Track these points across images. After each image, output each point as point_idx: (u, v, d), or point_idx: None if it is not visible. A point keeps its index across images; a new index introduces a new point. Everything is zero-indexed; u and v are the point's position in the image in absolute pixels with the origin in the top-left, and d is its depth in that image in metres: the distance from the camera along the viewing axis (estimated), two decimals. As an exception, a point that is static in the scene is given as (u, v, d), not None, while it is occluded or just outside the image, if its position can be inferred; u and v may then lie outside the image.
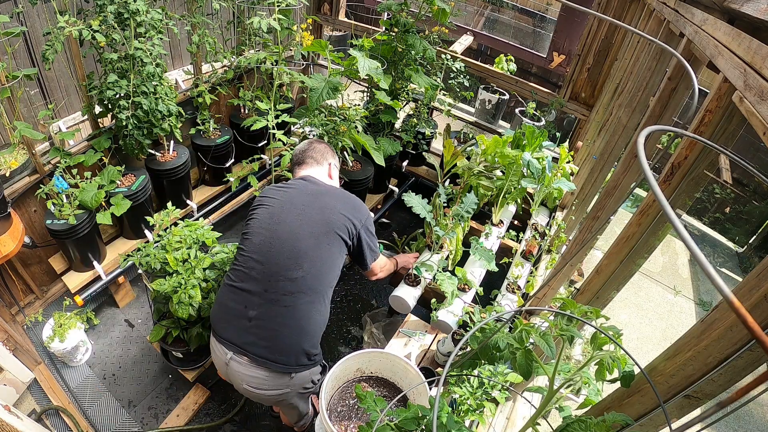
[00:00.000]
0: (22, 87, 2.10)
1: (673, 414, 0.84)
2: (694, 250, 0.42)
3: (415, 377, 1.77)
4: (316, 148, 1.89)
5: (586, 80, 3.23)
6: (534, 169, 2.76)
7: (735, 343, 0.69)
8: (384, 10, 2.85)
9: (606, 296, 1.56)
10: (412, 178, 3.80)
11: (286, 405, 1.84)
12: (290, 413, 1.97)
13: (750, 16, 0.93)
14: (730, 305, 0.41)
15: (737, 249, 5.32)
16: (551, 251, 2.84)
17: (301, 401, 1.89)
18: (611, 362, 0.89)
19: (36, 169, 2.31)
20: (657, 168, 3.42)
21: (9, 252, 2.03)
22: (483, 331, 1.21)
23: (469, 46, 4.09)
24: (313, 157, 1.87)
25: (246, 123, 2.44)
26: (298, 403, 1.87)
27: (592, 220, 2.02)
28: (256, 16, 2.35)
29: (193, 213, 3.05)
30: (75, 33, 2.01)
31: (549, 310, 1.07)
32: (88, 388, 2.34)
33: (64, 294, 2.62)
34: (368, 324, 2.68)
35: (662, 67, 1.89)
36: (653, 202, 1.26)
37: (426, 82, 2.82)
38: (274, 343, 1.56)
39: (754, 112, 0.76)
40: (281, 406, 1.98)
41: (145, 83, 2.32)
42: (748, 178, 5.56)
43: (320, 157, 1.88)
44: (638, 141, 0.60)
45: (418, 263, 2.41)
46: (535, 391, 1.17)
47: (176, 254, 2.02)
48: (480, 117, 4.09)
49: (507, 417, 2.00)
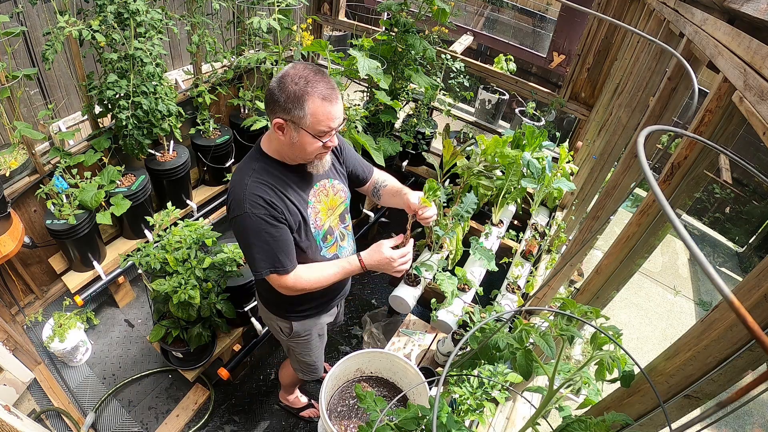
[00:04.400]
0: (22, 87, 2.10)
1: (673, 414, 0.84)
2: (694, 250, 0.42)
3: (415, 377, 1.77)
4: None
5: (586, 80, 3.23)
6: (534, 169, 2.76)
7: (735, 343, 0.68)
8: (384, 10, 2.85)
9: (606, 296, 1.56)
10: (412, 178, 3.79)
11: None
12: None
13: (750, 16, 0.93)
14: (730, 305, 0.41)
15: (737, 249, 5.32)
16: (551, 251, 2.84)
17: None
18: (611, 362, 0.88)
19: (36, 169, 2.31)
20: (657, 168, 3.42)
21: (9, 252, 2.03)
22: (483, 331, 1.21)
23: (469, 46, 4.09)
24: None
25: (246, 123, 2.44)
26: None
27: (592, 220, 2.02)
28: (256, 16, 2.35)
29: (193, 213, 3.05)
30: (75, 33, 2.01)
31: (549, 310, 1.07)
32: (88, 388, 2.34)
33: (64, 294, 2.62)
34: (368, 324, 2.68)
35: (662, 67, 1.89)
36: (653, 202, 1.26)
37: (426, 82, 2.82)
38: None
39: (754, 112, 0.76)
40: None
41: (145, 83, 2.32)
42: (748, 178, 5.57)
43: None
44: (638, 141, 0.60)
45: (417, 263, 2.40)
46: (535, 391, 1.17)
47: (176, 254, 2.02)
48: (480, 117, 4.09)
49: (507, 417, 2.00)
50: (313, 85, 1.18)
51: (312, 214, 1.42)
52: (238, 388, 2.46)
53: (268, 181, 1.31)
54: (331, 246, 1.54)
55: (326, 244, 1.52)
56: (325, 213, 1.48)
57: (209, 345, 2.30)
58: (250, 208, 1.27)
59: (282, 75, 1.21)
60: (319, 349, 1.88)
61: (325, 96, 1.20)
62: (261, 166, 1.33)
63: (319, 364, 1.93)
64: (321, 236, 1.48)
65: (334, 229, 1.54)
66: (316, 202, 1.44)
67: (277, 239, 1.32)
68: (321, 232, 1.48)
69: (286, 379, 2.21)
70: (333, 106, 1.22)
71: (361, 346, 2.63)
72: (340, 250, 1.58)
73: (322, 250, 1.51)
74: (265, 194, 1.29)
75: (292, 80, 1.19)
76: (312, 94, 1.18)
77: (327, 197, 1.48)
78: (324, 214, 1.47)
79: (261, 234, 1.30)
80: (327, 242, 1.52)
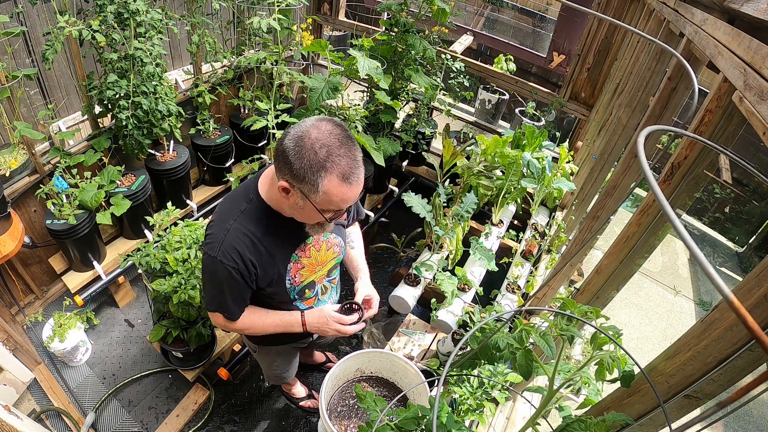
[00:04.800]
0: (22, 87, 2.10)
1: (673, 414, 0.84)
2: (694, 250, 0.42)
3: (415, 377, 1.77)
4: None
5: (586, 80, 3.23)
6: (534, 169, 2.76)
7: (735, 343, 0.68)
8: (384, 10, 2.85)
9: (606, 296, 1.56)
10: (412, 178, 3.80)
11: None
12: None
13: (750, 15, 0.93)
14: (730, 305, 0.41)
15: (737, 249, 5.32)
16: (551, 251, 2.84)
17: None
18: (611, 362, 0.88)
19: (36, 169, 2.30)
20: (657, 168, 3.42)
21: (9, 252, 2.03)
22: (483, 331, 1.21)
23: (469, 46, 4.09)
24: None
25: (246, 123, 2.43)
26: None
27: (592, 220, 2.02)
28: (256, 16, 2.35)
29: (193, 213, 3.05)
30: (75, 33, 2.01)
31: (549, 310, 1.07)
32: (88, 388, 2.34)
33: (64, 294, 2.62)
34: (368, 324, 2.68)
35: (662, 67, 1.89)
36: (653, 201, 1.26)
37: (426, 82, 2.82)
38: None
39: (754, 112, 0.76)
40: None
41: (145, 83, 2.32)
42: (748, 178, 5.57)
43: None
44: (638, 141, 0.60)
45: (417, 263, 2.40)
46: (535, 391, 1.17)
47: (176, 254, 2.02)
48: (480, 117, 4.09)
49: (507, 417, 2.00)
50: (334, 160, 1.01)
51: (292, 270, 1.30)
52: (238, 388, 2.46)
53: (251, 232, 1.18)
54: (309, 299, 1.44)
55: (303, 298, 1.41)
56: (309, 269, 1.35)
57: (209, 345, 2.30)
58: (222, 257, 1.16)
59: (301, 135, 1.02)
60: (286, 363, 1.90)
61: (346, 176, 1.03)
62: (250, 210, 1.19)
63: (287, 373, 1.96)
64: (297, 291, 1.37)
65: (315, 284, 1.42)
66: (303, 256, 1.31)
67: (233, 290, 1.24)
68: (298, 287, 1.36)
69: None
70: (351, 188, 1.05)
71: (361, 346, 2.63)
72: (318, 303, 1.47)
73: (297, 301, 1.40)
74: (243, 249, 1.16)
75: (312, 147, 1.01)
76: (331, 172, 1.01)
77: (318, 252, 1.35)
78: (308, 270, 1.35)
79: (221, 282, 1.21)
80: (304, 296, 1.41)
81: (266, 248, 1.21)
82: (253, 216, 1.19)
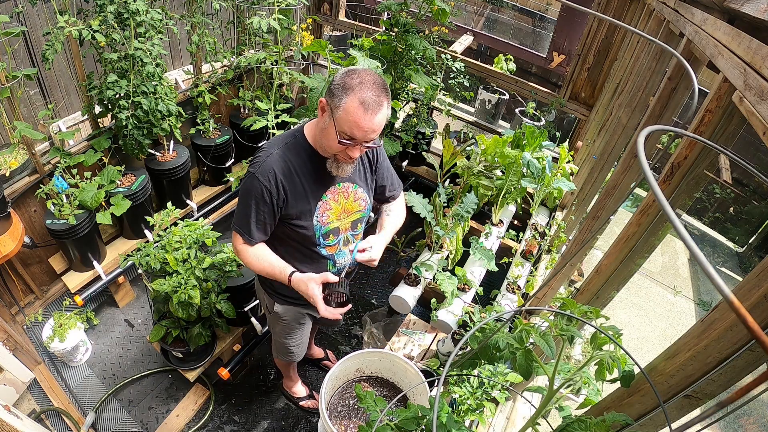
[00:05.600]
0: (22, 87, 2.10)
1: (673, 414, 0.84)
2: (694, 250, 0.42)
3: (415, 377, 1.77)
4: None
5: (586, 80, 3.23)
6: (534, 169, 2.76)
7: (735, 343, 0.68)
8: (384, 10, 2.85)
9: (606, 296, 1.56)
10: (412, 178, 3.80)
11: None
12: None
13: (750, 16, 0.93)
14: (730, 305, 0.41)
15: (737, 249, 5.32)
16: (551, 251, 2.84)
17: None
18: (611, 362, 0.89)
19: (36, 169, 2.31)
20: (657, 168, 3.42)
21: (9, 252, 2.03)
22: (483, 331, 1.21)
23: (469, 46, 4.09)
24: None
25: (246, 123, 2.44)
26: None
27: (592, 220, 2.02)
28: (256, 16, 2.35)
29: (193, 213, 3.05)
30: (75, 33, 2.01)
31: (549, 310, 1.07)
32: (88, 388, 2.34)
33: (64, 294, 2.62)
34: (368, 324, 2.68)
35: (662, 67, 1.89)
36: (653, 201, 1.26)
37: (426, 82, 2.82)
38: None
39: (754, 112, 0.76)
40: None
41: (145, 83, 2.32)
42: (748, 178, 5.57)
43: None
44: (638, 141, 0.60)
45: (417, 263, 2.40)
46: (535, 391, 1.17)
47: (176, 254, 2.02)
48: (480, 117, 4.09)
49: (507, 417, 2.00)
50: (362, 88, 1.18)
51: (321, 208, 1.43)
52: (238, 388, 2.46)
53: (291, 161, 1.35)
54: (332, 246, 1.53)
55: (326, 242, 1.51)
56: (336, 213, 1.47)
57: (209, 345, 2.30)
58: (260, 174, 1.32)
59: (353, 69, 1.24)
60: (297, 337, 1.87)
61: (365, 102, 1.18)
62: (294, 144, 1.37)
63: (295, 350, 1.92)
64: (322, 232, 1.48)
65: (340, 231, 1.52)
66: (331, 199, 1.44)
67: (260, 212, 1.36)
68: (324, 228, 1.47)
69: (279, 365, 2.24)
70: (366, 115, 1.19)
71: (361, 346, 2.63)
72: (339, 254, 1.56)
73: (320, 245, 1.50)
74: (279, 172, 1.32)
75: (353, 75, 1.20)
76: (355, 94, 1.18)
77: (346, 200, 1.49)
78: (335, 213, 1.47)
79: (252, 198, 1.34)
80: (328, 240, 1.51)
81: (300, 180, 1.37)
82: (294, 149, 1.37)
